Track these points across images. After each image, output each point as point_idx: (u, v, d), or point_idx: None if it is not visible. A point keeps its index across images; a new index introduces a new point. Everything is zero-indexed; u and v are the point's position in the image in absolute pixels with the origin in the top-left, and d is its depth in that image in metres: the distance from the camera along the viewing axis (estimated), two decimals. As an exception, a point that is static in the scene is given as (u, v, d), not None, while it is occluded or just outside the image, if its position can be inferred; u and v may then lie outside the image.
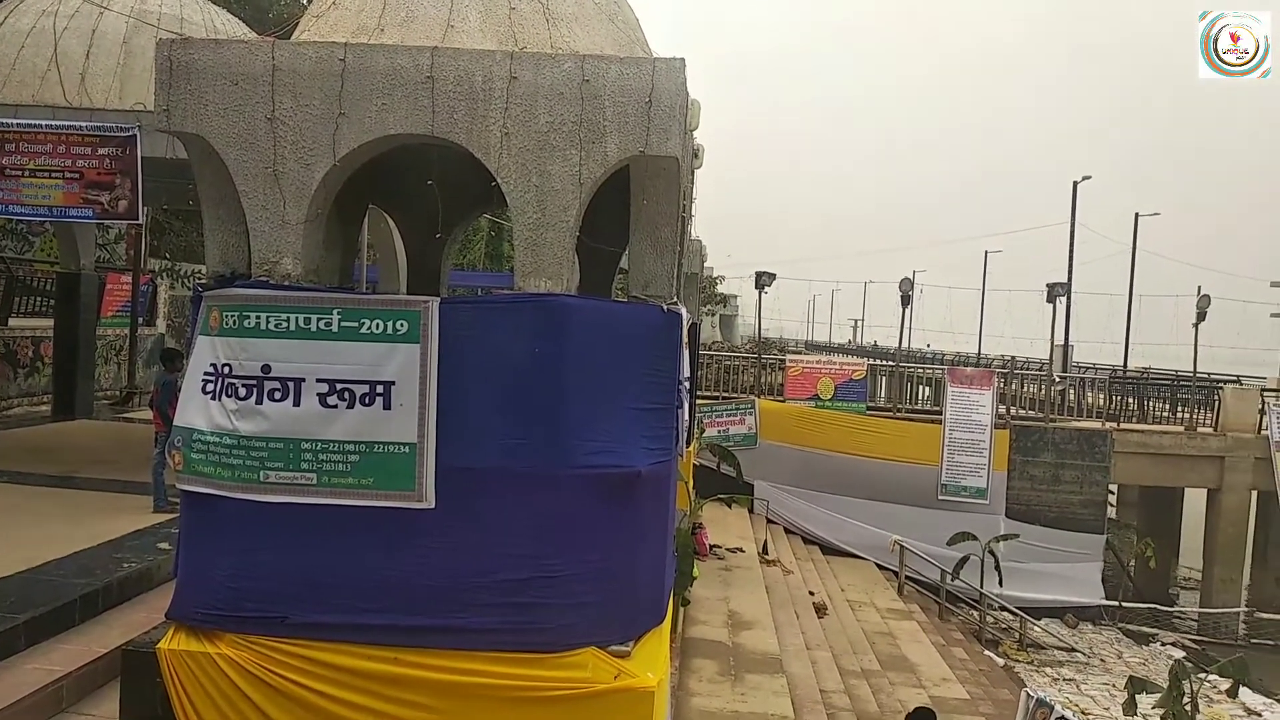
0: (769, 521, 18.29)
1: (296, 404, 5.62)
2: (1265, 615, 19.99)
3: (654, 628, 6.11)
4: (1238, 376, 27.30)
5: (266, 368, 5.65)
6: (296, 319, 5.64)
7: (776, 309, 67.68)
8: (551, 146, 5.69)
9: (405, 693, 5.62)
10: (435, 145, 6.27)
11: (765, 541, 16.41)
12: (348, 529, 5.64)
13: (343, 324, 5.62)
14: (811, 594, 15.01)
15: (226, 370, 5.72)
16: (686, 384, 7.16)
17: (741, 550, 15.02)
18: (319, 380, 5.61)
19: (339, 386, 5.61)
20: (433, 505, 5.58)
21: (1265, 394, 21.66)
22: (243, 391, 5.67)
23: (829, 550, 18.81)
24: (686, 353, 7.05)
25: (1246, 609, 20.41)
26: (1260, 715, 15.15)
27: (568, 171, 5.69)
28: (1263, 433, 20.39)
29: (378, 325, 5.61)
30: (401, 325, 5.60)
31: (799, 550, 18.08)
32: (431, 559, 5.64)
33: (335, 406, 5.61)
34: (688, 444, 8.84)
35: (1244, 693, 15.04)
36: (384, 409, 5.59)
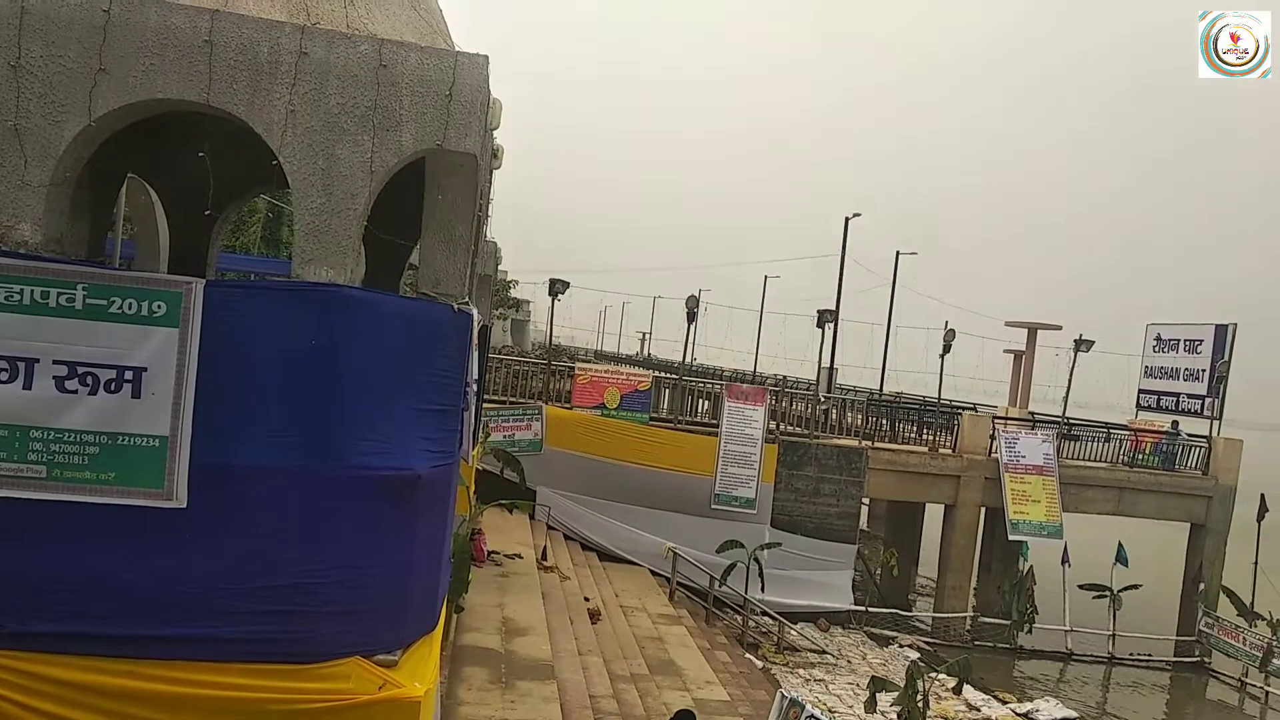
0: (550, 528, 18.33)
1: (27, 387, 5.02)
2: (987, 619, 22.32)
3: (424, 636, 5.94)
4: (974, 404, 30.41)
5: (-9, 345, 4.99)
6: (32, 292, 5.03)
7: (568, 317, 68.14)
8: (341, 130, 5.43)
9: (143, 709, 5.13)
10: (210, 115, 5.81)
11: (545, 548, 16.43)
12: (83, 529, 5.09)
13: (89, 301, 5.08)
14: (587, 600, 15.17)
15: (-60, 345, 5.00)
16: (474, 387, 7.03)
17: (520, 556, 14.95)
18: (56, 362, 5.04)
19: (80, 370, 5.06)
20: (184, 505, 5.15)
21: (996, 421, 24.24)
22: (-41, 370, 4.98)
23: (606, 556, 19.10)
24: (476, 355, 6.92)
25: (972, 613, 22.70)
26: (979, 710, 16.85)
27: (358, 158, 5.44)
28: (993, 455, 22.81)
29: (130, 305, 5.11)
30: (159, 307, 5.13)
31: (577, 556, 18.23)
32: (181, 563, 5.19)
33: (74, 392, 5.06)
34: (472, 448, 8.69)
35: (967, 690, 16.72)
36: (132, 397, 5.10)
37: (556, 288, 20.94)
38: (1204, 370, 26.48)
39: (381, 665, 5.46)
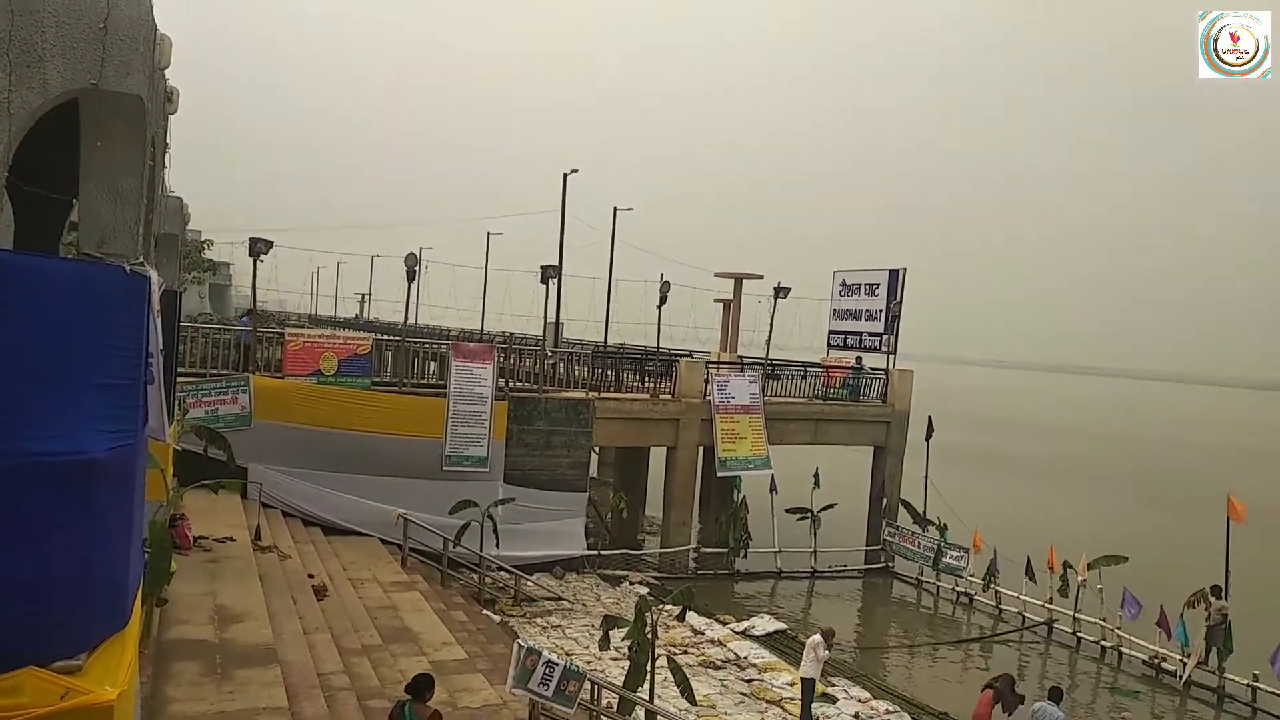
0: (265, 506, 17.17)
1: None
2: (708, 550, 24.02)
3: (114, 635, 5.35)
4: (690, 351, 32.23)
5: None
6: None
7: (276, 280, 63.61)
8: (-35, 63, 4.61)
9: None
10: None
11: (259, 527, 15.41)
12: None
13: None
14: (311, 577, 14.46)
15: None
16: (158, 358, 6.36)
17: (232, 539, 13.93)
18: None
19: None
20: None
21: (709, 366, 25.84)
22: None
23: (331, 530, 18.29)
24: (159, 322, 6.26)
25: (695, 546, 24.30)
26: (703, 633, 18.14)
27: (-10, 97, 4.66)
28: (706, 398, 24.33)
29: None
30: None
31: (299, 533, 17.29)
32: None
33: None
34: (166, 426, 7.89)
35: (691, 616, 17.91)
36: None
37: (258, 247, 19.35)
38: (881, 311, 29.75)
39: (63, 673, 4.86)
